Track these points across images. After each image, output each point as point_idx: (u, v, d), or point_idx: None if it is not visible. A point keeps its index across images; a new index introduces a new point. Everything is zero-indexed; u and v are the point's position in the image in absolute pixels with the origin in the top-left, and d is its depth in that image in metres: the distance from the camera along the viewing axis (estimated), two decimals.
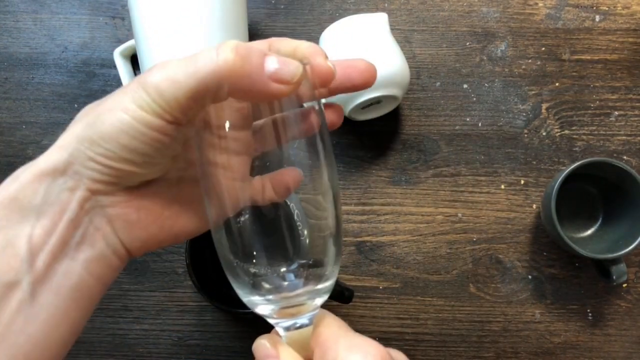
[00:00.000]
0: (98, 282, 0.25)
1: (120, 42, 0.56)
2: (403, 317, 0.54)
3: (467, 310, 0.54)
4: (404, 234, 0.55)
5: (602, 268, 0.52)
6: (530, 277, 0.54)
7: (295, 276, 0.27)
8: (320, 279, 0.27)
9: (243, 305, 0.46)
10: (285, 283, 0.27)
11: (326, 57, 0.27)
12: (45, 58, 0.57)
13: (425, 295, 0.54)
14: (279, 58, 0.23)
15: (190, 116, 0.24)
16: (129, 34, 0.57)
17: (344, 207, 0.55)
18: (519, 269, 0.54)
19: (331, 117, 0.29)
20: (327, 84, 0.27)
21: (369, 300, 0.54)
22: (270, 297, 0.26)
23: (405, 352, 0.55)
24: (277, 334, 0.28)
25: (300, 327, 0.27)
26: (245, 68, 0.22)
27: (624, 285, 0.54)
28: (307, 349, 0.28)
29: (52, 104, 0.57)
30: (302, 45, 0.26)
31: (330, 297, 0.45)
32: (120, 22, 0.57)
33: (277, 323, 0.27)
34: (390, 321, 0.54)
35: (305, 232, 0.27)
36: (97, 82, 0.57)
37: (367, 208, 0.55)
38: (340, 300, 0.46)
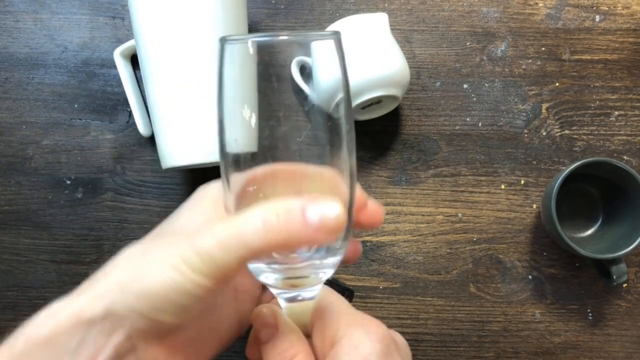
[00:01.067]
0: None
1: (120, 42, 0.56)
2: (403, 317, 0.54)
3: (467, 310, 0.54)
4: (404, 234, 0.55)
5: (602, 268, 0.52)
6: (530, 277, 0.54)
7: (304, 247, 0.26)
8: (328, 252, 0.27)
9: None
10: (294, 253, 0.26)
11: (379, 205, 0.30)
12: (45, 58, 0.57)
13: (425, 295, 0.54)
14: (318, 207, 0.24)
15: (236, 276, 0.26)
16: (129, 34, 0.57)
17: None
18: (519, 269, 0.54)
19: (348, 254, 0.30)
20: (375, 227, 0.30)
21: (369, 300, 0.54)
22: (276, 266, 0.26)
23: None
24: (278, 305, 0.28)
25: (302, 300, 0.27)
26: (290, 231, 0.23)
27: (624, 285, 0.54)
28: (306, 323, 0.28)
29: (52, 104, 0.57)
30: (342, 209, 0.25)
31: None
32: (120, 22, 0.57)
33: (279, 294, 0.27)
34: (390, 321, 0.54)
35: None
36: (97, 82, 0.57)
37: None
38: None
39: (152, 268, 0.24)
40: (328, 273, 0.27)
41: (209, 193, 0.30)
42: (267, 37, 0.25)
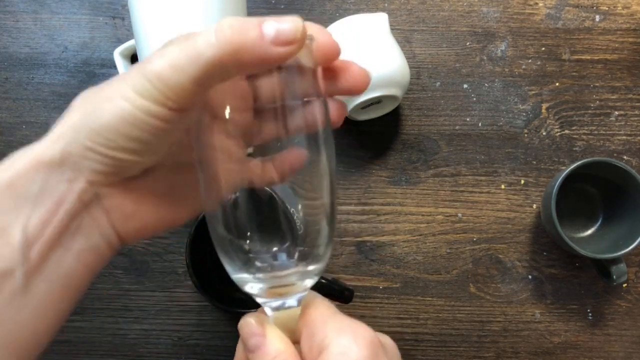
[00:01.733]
0: (88, 272, 0.25)
1: (120, 42, 0.56)
2: (403, 317, 0.54)
3: (467, 310, 0.54)
4: (404, 234, 0.55)
5: (602, 268, 0.52)
6: (530, 277, 0.54)
7: (287, 255, 0.26)
8: (312, 259, 0.27)
9: (243, 305, 0.46)
10: (277, 262, 0.26)
11: (330, 34, 0.26)
12: (45, 58, 0.57)
13: (425, 295, 0.54)
14: (275, 20, 0.23)
15: (194, 102, 0.23)
16: (129, 34, 0.57)
17: (344, 207, 0.55)
18: (519, 269, 0.54)
19: (333, 114, 0.29)
20: (331, 61, 0.27)
21: (369, 300, 0.54)
22: (261, 275, 0.26)
23: (405, 352, 0.55)
24: (265, 313, 0.27)
25: (289, 307, 0.27)
26: (245, 41, 0.22)
27: (624, 285, 0.54)
28: (294, 330, 0.28)
29: (52, 104, 0.57)
30: (302, 22, 0.25)
31: (330, 297, 0.45)
32: (120, 22, 0.57)
33: (265, 302, 0.27)
34: (390, 321, 0.54)
35: (300, 210, 0.26)
36: (97, 82, 0.56)
37: (367, 208, 0.55)
38: (340, 300, 0.46)
39: (102, 103, 0.23)
40: (313, 280, 0.27)
41: None
42: None
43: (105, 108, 0.23)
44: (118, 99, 0.23)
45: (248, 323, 0.27)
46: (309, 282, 0.27)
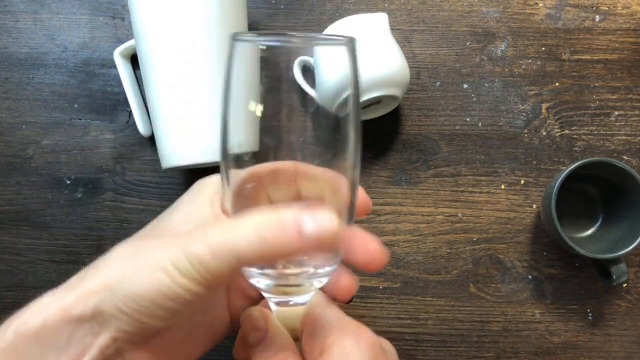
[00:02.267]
0: None
1: (120, 42, 0.56)
2: (403, 317, 0.54)
3: (467, 310, 0.54)
4: (404, 234, 0.55)
5: (602, 268, 0.52)
6: (530, 277, 0.54)
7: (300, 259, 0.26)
8: (324, 261, 0.26)
9: None
10: (289, 263, 0.26)
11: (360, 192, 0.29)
12: (45, 58, 0.57)
13: (425, 295, 0.54)
14: (313, 218, 0.23)
15: (227, 280, 0.26)
16: (129, 34, 0.57)
17: None
18: (519, 269, 0.54)
19: (342, 288, 0.30)
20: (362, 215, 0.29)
21: (369, 300, 0.54)
22: (269, 271, 0.26)
23: (405, 352, 0.55)
24: (268, 307, 0.27)
25: (294, 305, 0.27)
26: (284, 243, 0.23)
27: (624, 285, 0.54)
28: (296, 327, 0.28)
29: (52, 104, 0.57)
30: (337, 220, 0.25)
31: (330, 297, 0.45)
32: (120, 22, 0.57)
33: (270, 297, 0.27)
34: (390, 321, 0.54)
35: None
36: (97, 82, 0.57)
37: None
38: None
39: (142, 270, 0.24)
40: (322, 282, 0.27)
41: (207, 187, 0.29)
42: (279, 39, 0.24)
43: (145, 277, 0.24)
44: (158, 271, 0.24)
45: (251, 317, 0.27)
46: (318, 283, 0.27)
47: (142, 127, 0.54)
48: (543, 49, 0.56)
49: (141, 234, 0.28)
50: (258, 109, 0.25)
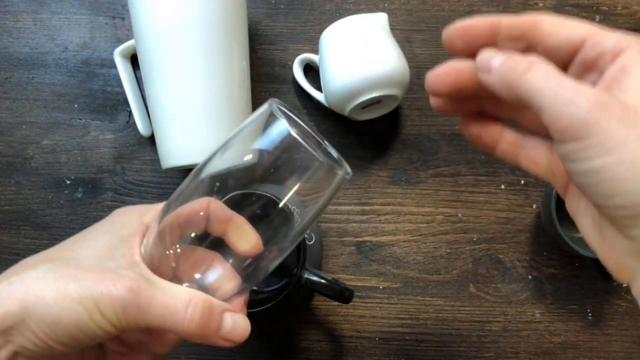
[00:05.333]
0: None
1: (120, 42, 0.56)
2: (403, 317, 0.54)
3: (467, 310, 0.54)
4: (404, 234, 0.55)
5: (602, 268, 0.51)
6: (530, 277, 0.54)
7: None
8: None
9: None
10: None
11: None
12: (45, 58, 0.57)
13: (425, 295, 0.54)
14: (232, 317, 0.28)
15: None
16: (129, 34, 0.57)
17: (344, 207, 0.55)
18: (519, 269, 0.54)
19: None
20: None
21: (369, 300, 0.54)
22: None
23: (405, 352, 0.55)
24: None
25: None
26: (204, 332, 0.27)
27: (624, 285, 0.54)
28: None
29: (52, 104, 0.57)
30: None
31: (330, 297, 0.45)
32: (120, 22, 0.57)
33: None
34: (390, 321, 0.54)
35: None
36: (97, 82, 0.57)
37: (367, 208, 0.55)
38: (340, 300, 0.46)
39: (62, 299, 0.25)
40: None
41: (127, 223, 0.30)
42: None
43: (65, 307, 0.25)
44: (80, 305, 0.25)
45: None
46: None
47: (142, 127, 0.54)
48: None
49: (53, 252, 0.28)
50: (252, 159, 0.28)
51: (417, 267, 0.54)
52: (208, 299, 0.27)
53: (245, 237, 0.29)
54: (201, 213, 0.29)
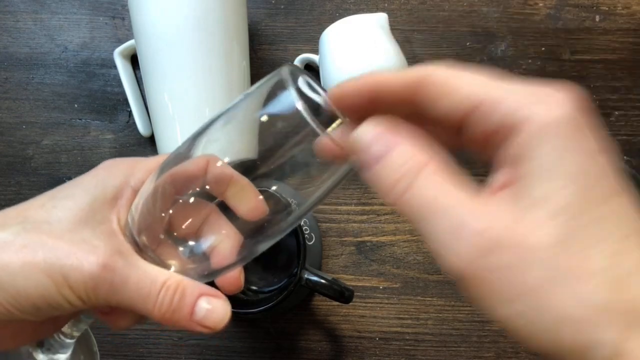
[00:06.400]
0: None
1: (120, 42, 0.56)
2: (403, 317, 0.54)
3: (467, 310, 0.54)
4: (404, 234, 0.55)
5: None
6: None
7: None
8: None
9: (243, 305, 0.46)
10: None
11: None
12: (45, 58, 0.57)
13: (425, 295, 0.54)
14: (209, 302, 0.26)
15: None
16: (129, 34, 0.57)
17: (344, 207, 0.55)
18: None
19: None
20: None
21: (369, 300, 0.54)
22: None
23: (405, 352, 0.55)
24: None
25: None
26: (173, 317, 0.25)
27: None
28: None
29: (52, 104, 0.57)
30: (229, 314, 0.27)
31: (330, 297, 0.45)
32: (120, 22, 0.57)
33: None
34: (390, 321, 0.54)
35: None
36: (97, 82, 0.57)
37: (367, 208, 0.55)
38: (340, 300, 0.46)
39: (29, 268, 0.24)
40: None
41: (112, 181, 0.28)
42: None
43: (31, 278, 0.24)
44: (47, 277, 0.24)
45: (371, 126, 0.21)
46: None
47: (142, 127, 0.54)
48: (543, 49, 0.56)
49: (27, 210, 0.26)
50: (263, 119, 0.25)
51: (418, 267, 0.54)
52: (182, 282, 0.26)
53: (247, 199, 0.26)
54: (197, 171, 0.26)
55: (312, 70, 0.57)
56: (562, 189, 0.18)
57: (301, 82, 0.24)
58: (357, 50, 0.49)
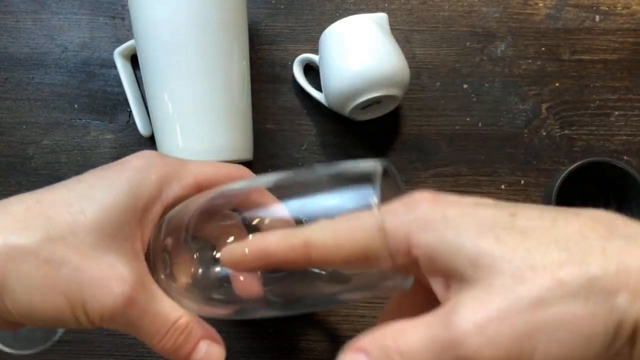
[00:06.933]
0: None
1: (120, 42, 0.56)
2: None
3: None
4: None
5: None
6: None
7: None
8: None
9: None
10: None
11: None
12: (45, 58, 0.57)
13: None
14: (208, 346, 0.28)
15: None
16: (129, 34, 0.57)
17: None
18: None
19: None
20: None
21: (369, 300, 0.54)
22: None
23: None
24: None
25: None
26: (175, 354, 0.27)
27: None
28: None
29: (52, 104, 0.57)
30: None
31: None
32: (120, 22, 0.57)
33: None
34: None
35: None
36: (97, 82, 0.57)
37: None
38: None
39: (49, 289, 0.23)
40: None
41: (144, 184, 0.26)
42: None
43: (48, 299, 0.23)
44: (65, 301, 0.23)
45: None
46: None
47: (142, 127, 0.54)
48: (543, 49, 0.56)
49: (51, 209, 0.24)
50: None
51: None
52: (190, 323, 0.27)
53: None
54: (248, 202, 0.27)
55: (312, 70, 0.57)
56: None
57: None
58: (357, 50, 0.49)
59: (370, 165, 0.24)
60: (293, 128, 0.56)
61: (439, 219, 0.20)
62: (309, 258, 0.22)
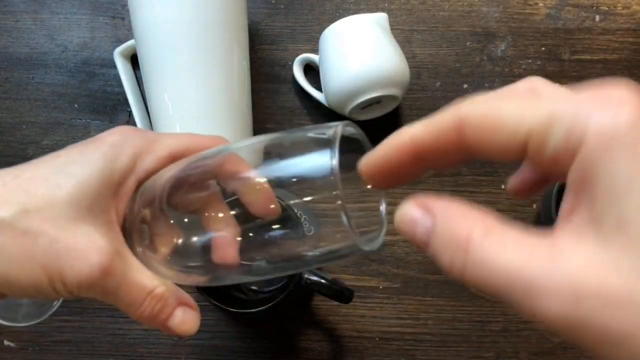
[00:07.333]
0: None
1: (120, 42, 0.56)
2: (403, 317, 0.54)
3: (467, 310, 0.54)
4: None
5: None
6: None
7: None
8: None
9: (243, 305, 0.46)
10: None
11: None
12: (45, 58, 0.57)
13: (426, 295, 0.54)
14: (184, 312, 0.28)
15: None
16: (129, 34, 0.57)
17: None
18: None
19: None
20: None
21: (369, 300, 0.54)
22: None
23: (405, 352, 0.55)
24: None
25: None
26: (151, 321, 0.27)
27: None
28: None
29: (52, 104, 0.57)
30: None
31: (330, 297, 0.45)
32: (120, 22, 0.57)
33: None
34: (390, 321, 0.54)
35: None
36: (97, 82, 0.57)
37: None
38: (340, 300, 0.46)
39: (26, 260, 0.24)
40: None
41: (121, 157, 0.27)
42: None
43: (26, 269, 0.24)
44: (42, 272, 0.24)
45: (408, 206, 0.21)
46: None
47: (142, 127, 0.54)
48: (543, 49, 0.56)
49: (29, 183, 0.26)
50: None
51: (418, 267, 0.54)
52: (166, 293, 0.27)
53: (262, 198, 0.27)
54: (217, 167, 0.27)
55: (312, 70, 0.57)
56: (637, 212, 0.15)
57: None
58: (357, 50, 0.49)
59: (333, 126, 0.24)
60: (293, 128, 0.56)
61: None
62: (463, 139, 0.20)
